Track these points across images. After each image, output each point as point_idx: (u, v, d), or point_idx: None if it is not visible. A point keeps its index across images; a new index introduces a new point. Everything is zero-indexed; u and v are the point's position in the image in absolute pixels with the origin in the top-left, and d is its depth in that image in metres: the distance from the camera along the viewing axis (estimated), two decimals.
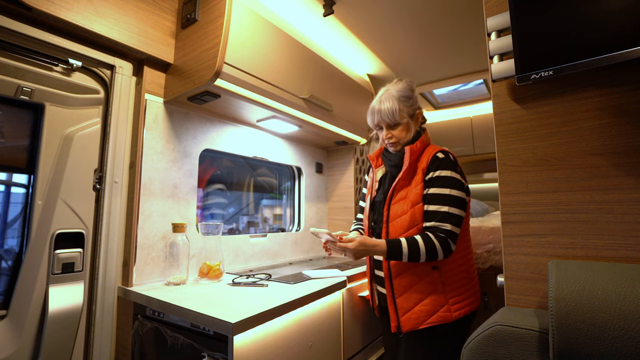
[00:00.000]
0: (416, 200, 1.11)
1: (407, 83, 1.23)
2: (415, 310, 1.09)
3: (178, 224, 1.31)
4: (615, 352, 0.47)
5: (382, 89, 1.24)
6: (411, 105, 1.20)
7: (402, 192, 1.14)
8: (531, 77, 0.65)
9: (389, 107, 1.16)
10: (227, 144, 1.65)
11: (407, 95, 1.19)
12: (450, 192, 1.07)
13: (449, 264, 1.11)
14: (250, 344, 0.92)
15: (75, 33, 1.14)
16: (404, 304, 1.10)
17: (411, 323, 1.09)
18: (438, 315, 1.07)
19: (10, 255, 1.07)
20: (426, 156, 1.14)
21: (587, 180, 0.65)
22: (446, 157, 1.12)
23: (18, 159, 1.09)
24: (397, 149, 1.20)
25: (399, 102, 1.16)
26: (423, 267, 1.10)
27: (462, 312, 1.09)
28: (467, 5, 1.41)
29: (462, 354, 0.63)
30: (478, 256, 1.90)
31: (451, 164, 1.11)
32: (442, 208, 1.06)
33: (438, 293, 1.09)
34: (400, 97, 1.18)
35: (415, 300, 1.09)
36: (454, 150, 2.54)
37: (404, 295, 1.11)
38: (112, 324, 1.22)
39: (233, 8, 1.19)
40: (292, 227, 2.18)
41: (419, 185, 1.12)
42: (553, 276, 0.55)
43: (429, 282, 1.09)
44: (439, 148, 1.16)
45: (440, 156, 1.12)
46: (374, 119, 1.21)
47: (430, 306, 1.08)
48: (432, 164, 1.11)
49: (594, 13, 0.60)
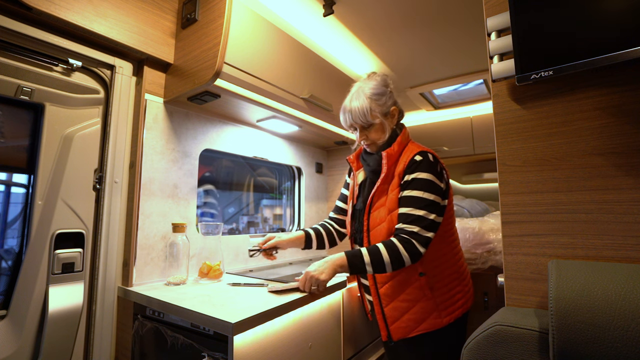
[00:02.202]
0: (393, 207, 1.06)
1: (381, 78, 1.16)
2: (404, 319, 1.05)
3: (178, 224, 1.31)
4: (615, 352, 0.47)
5: (354, 85, 1.17)
6: (384, 102, 1.12)
7: (382, 199, 1.10)
8: (531, 77, 0.65)
9: (359, 107, 1.09)
10: (227, 144, 1.65)
11: (380, 92, 1.11)
12: (423, 194, 1.01)
13: (436, 267, 1.07)
14: (250, 344, 0.92)
15: (75, 33, 1.14)
16: (392, 313, 1.07)
17: (400, 332, 1.06)
18: (427, 322, 1.04)
19: (10, 255, 1.07)
20: (404, 159, 1.08)
21: (587, 180, 0.65)
22: (424, 159, 1.05)
23: (18, 159, 1.09)
24: (374, 150, 1.16)
25: (371, 101, 1.10)
26: (409, 275, 1.06)
27: (454, 316, 1.07)
28: (467, 5, 1.41)
29: (462, 354, 0.63)
30: (478, 256, 1.90)
31: (429, 166, 1.04)
32: (413, 211, 1.00)
33: (427, 299, 1.05)
34: (372, 94, 1.10)
35: (402, 310, 1.05)
36: (454, 151, 2.54)
37: (391, 305, 1.07)
38: (112, 324, 1.22)
39: (233, 8, 1.19)
40: (292, 227, 2.18)
41: (395, 190, 1.07)
42: (553, 276, 0.55)
43: (416, 289, 1.05)
44: (418, 148, 1.10)
45: (417, 159, 1.05)
46: (345, 119, 1.14)
47: (419, 314, 1.04)
48: (409, 168, 1.06)
49: (594, 13, 0.60)
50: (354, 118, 1.12)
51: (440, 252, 1.09)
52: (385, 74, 1.20)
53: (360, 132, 1.15)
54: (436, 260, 1.07)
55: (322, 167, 2.36)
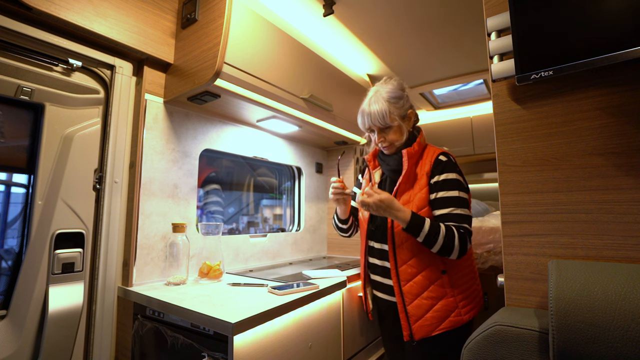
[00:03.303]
0: (421, 205, 1.09)
1: (397, 82, 1.20)
2: (427, 317, 1.06)
3: (178, 224, 1.31)
4: (615, 352, 0.47)
5: (371, 89, 1.21)
6: (402, 105, 1.16)
7: (405, 196, 1.12)
8: (531, 77, 0.65)
9: (379, 110, 1.12)
10: (227, 144, 1.65)
11: (397, 95, 1.15)
12: (459, 194, 1.07)
13: (457, 265, 1.09)
14: (250, 344, 0.92)
15: (75, 33, 1.14)
16: (416, 312, 1.07)
17: (424, 330, 1.06)
18: (449, 320, 1.05)
19: (10, 255, 1.07)
20: (428, 159, 1.13)
21: (587, 180, 0.65)
22: (448, 159, 1.12)
23: (18, 159, 1.09)
24: (392, 152, 1.18)
25: (389, 104, 1.13)
26: (432, 272, 1.07)
27: (472, 314, 1.09)
28: (467, 6, 1.41)
29: (462, 354, 0.63)
30: (478, 256, 1.90)
31: (454, 167, 1.11)
32: (455, 210, 1.05)
33: (448, 297, 1.07)
34: (390, 98, 1.14)
35: (426, 307, 1.06)
36: (454, 151, 2.54)
37: (415, 302, 1.07)
38: (112, 324, 1.22)
39: (233, 8, 1.19)
40: (292, 227, 2.18)
41: (424, 189, 1.10)
42: (553, 276, 0.55)
43: (438, 286, 1.07)
44: (439, 150, 1.15)
45: (443, 159, 1.11)
46: (364, 122, 1.18)
47: (442, 312, 1.06)
48: (436, 167, 1.10)
49: (594, 13, 0.60)
50: (372, 121, 1.14)
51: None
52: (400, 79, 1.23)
53: (379, 133, 1.17)
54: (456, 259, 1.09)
55: (322, 167, 2.36)
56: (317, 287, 1.20)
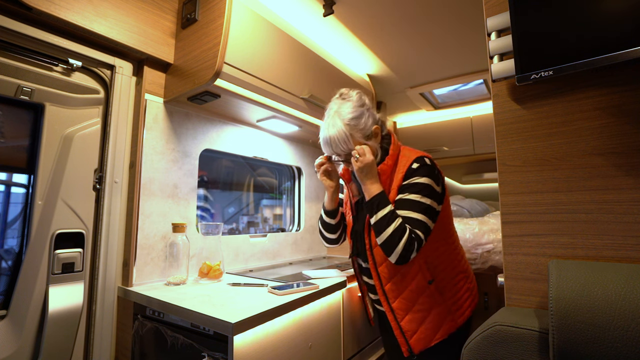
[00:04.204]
0: None
1: (356, 97, 1.08)
2: (422, 329, 1.04)
3: (178, 224, 1.31)
4: (615, 352, 0.47)
5: (329, 106, 1.09)
6: (364, 124, 1.04)
7: None
8: (531, 77, 0.65)
9: (339, 137, 1.02)
10: (227, 144, 1.65)
11: (357, 114, 1.04)
12: (420, 198, 0.98)
13: (442, 272, 1.07)
14: (250, 344, 0.92)
15: (75, 33, 1.14)
16: (410, 326, 1.04)
17: (422, 343, 1.04)
18: (444, 328, 1.04)
19: (10, 255, 1.07)
20: (401, 170, 1.05)
21: (587, 180, 0.65)
22: (421, 165, 1.02)
23: (18, 159, 1.09)
24: None
25: (349, 127, 1.02)
26: (419, 284, 1.05)
27: (466, 315, 1.08)
28: (467, 6, 1.41)
29: (462, 354, 0.63)
30: (478, 256, 1.90)
31: (426, 170, 1.02)
32: (411, 214, 0.97)
33: (438, 304, 1.05)
34: (350, 120, 1.03)
35: (419, 320, 1.04)
36: (454, 151, 2.54)
37: (407, 317, 1.05)
38: (112, 324, 1.22)
39: (233, 8, 1.19)
40: (292, 227, 2.18)
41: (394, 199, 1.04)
42: (553, 276, 0.55)
43: (427, 297, 1.05)
44: (413, 155, 1.05)
45: (414, 167, 1.03)
46: (328, 150, 1.08)
47: (435, 322, 1.04)
48: (407, 177, 1.03)
49: (594, 13, 0.60)
50: (334, 150, 1.06)
51: (444, 255, 1.09)
52: (359, 90, 1.12)
53: (346, 162, 1.09)
54: (441, 265, 1.07)
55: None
56: (317, 287, 1.20)
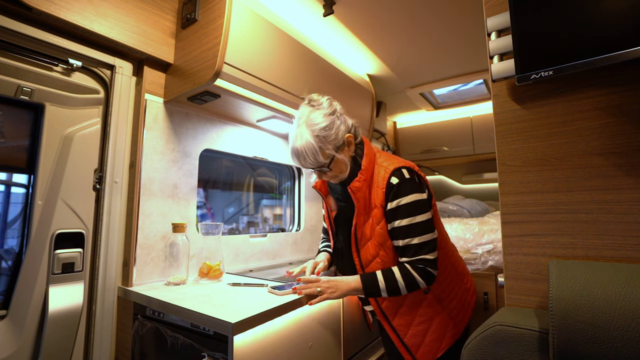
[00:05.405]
0: (382, 240, 1.02)
1: (326, 103, 1.03)
2: (427, 342, 1.03)
3: (178, 224, 1.31)
4: (615, 352, 0.47)
5: (297, 114, 1.04)
6: (335, 135, 0.99)
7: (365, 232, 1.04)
8: (531, 77, 0.65)
9: (307, 150, 0.97)
10: (227, 144, 1.65)
11: (327, 124, 0.98)
12: (414, 219, 0.96)
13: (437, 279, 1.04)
14: (250, 344, 0.92)
15: (75, 33, 1.14)
16: (414, 341, 1.03)
17: (428, 356, 1.02)
18: (449, 337, 1.04)
19: (10, 255, 1.07)
20: (379, 185, 1.00)
21: (587, 180, 0.65)
22: (401, 179, 0.98)
23: (18, 159, 1.09)
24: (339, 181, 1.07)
25: (318, 139, 0.97)
26: (415, 298, 1.04)
27: (467, 317, 1.08)
28: (467, 5, 1.41)
29: (462, 354, 0.63)
30: (478, 256, 1.90)
31: (408, 186, 0.97)
32: (413, 241, 0.96)
33: (439, 313, 1.04)
34: (319, 131, 0.97)
35: (422, 333, 1.03)
36: (454, 151, 2.54)
37: (410, 333, 1.04)
38: (112, 324, 1.22)
39: (233, 8, 1.19)
40: (292, 227, 2.18)
41: (382, 222, 1.01)
42: (553, 276, 0.55)
43: (427, 307, 1.04)
44: (391, 168, 1.00)
45: (394, 182, 0.98)
46: (297, 162, 1.03)
47: (438, 332, 1.03)
48: (389, 195, 0.98)
49: (594, 13, 0.60)
50: (303, 164, 1.02)
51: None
52: (329, 97, 1.07)
53: (317, 175, 1.06)
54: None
55: None
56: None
